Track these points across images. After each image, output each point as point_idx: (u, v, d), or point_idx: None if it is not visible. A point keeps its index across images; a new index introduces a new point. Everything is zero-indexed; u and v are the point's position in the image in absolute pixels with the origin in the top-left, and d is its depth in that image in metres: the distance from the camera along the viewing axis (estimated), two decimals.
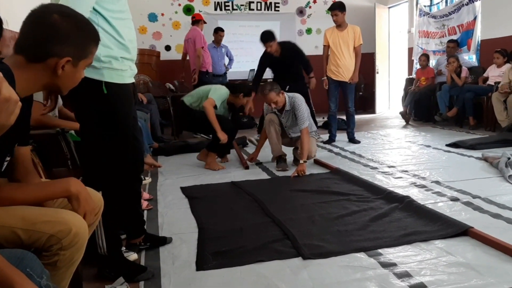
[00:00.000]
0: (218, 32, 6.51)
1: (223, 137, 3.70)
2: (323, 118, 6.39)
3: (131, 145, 1.81)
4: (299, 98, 3.65)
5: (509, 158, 3.38)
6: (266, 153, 4.13)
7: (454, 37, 6.71)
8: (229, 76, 7.58)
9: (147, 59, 6.23)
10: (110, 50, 1.62)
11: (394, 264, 1.82)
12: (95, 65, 1.61)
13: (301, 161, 3.50)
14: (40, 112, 2.12)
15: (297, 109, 3.59)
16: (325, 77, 4.92)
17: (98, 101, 1.65)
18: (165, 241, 2.12)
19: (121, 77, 1.69)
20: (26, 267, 0.91)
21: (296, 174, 3.39)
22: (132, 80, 1.80)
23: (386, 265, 1.82)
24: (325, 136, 5.12)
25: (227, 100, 4.03)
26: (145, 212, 2.58)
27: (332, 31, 4.86)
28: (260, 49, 5.27)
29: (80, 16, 1.15)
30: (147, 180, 3.45)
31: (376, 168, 3.64)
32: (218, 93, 3.89)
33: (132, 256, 1.94)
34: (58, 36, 1.06)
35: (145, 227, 2.11)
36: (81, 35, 1.12)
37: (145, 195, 2.94)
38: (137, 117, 1.96)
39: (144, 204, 2.68)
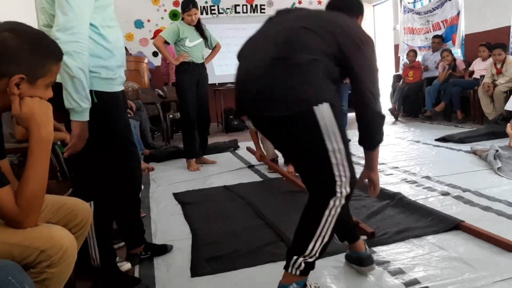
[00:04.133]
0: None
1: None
2: None
3: (126, 151, 1.80)
4: None
5: (497, 151, 3.42)
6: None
7: (439, 33, 6.79)
8: (218, 80, 7.59)
9: (134, 65, 6.18)
10: (100, 60, 1.61)
11: (387, 262, 1.84)
12: None
13: None
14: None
15: None
16: None
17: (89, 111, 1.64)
18: (165, 249, 2.09)
19: (111, 85, 1.68)
20: (8, 275, 0.89)
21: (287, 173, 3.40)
22: (122, 88, 1.79)
23: (379, 263, 1.83)
24: None
25: (184, 22, 3.96)
26: None
27: None
28: None
29: (37, 33, 1.11)
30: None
31: None
32: (165, 30, 3.98)
33: (126, 265, 1.92)
34: (6, 54, 1.02)
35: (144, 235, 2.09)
36: (35, 52, 1.07)
37: None
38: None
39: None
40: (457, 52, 6.69)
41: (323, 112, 1.34)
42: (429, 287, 1.60)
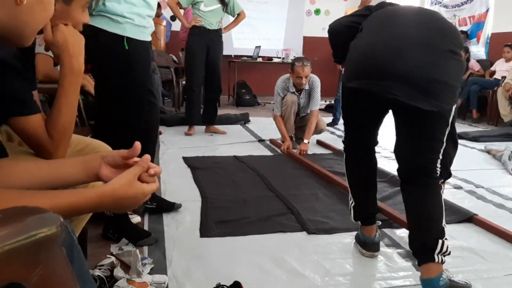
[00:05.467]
0: None
1: None
2: (325, 101, 6.35)
3: (147, 101, 1.77)
4: (317, 80, 3.61)
5: None
6: (268, 131, 4.12)
7: (464, 28, 6.64)
8: (235, 52, 7.49)
9: None
10: (133, 6, 1.59)
11: (398, 245, 1.83)
12: (119, 20, 1.58)
13: (305, 141, 3.47)
14: (48, 65, 2.07)
15: (315, 90, 3.57)
16: None
17: (120, 57, 1.61)
18: (173, 206, 2.09)
19: (143, 33, 1.66)
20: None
21: (299, 153, 3.37)
22: (150, 38, 1.75)
23: (390, 245, 1.82)
24: (329, 119, 5.08)
25: None
26: None
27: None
28: (266, 26, 5.14)
29: None
30: None
31: (378, 152, 3.58)
32: None
33: (136, 218, 1.92)
34: None
35: None
36: None
37: None
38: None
39: None
40: (481, 51, 6.56)
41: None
42: None
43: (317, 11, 8.30)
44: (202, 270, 1.55)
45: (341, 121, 5.03)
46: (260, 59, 6.92)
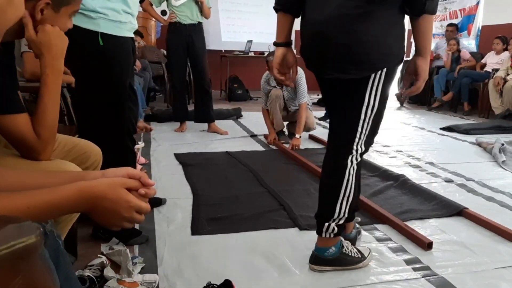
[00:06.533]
0: None
1: None
2: (318, 95, 6.35)
3: (127, 100, 1.74)
4: (301, 71, 3.58)
5: (503, 144, 3.41)
6: (260, 126, 4.11)
7: (455, 21, 6.66)
8: (226, 47, 7.45)
9: (142, 22, 6.03)
10: (107, 1, 1.54)
11: (389, 239, 1.83)
12: (92, 16, 1.54)
13: (297, 136, 3.47)
14: (36, 64, 2.04)
15: (299, 82, 3.53)
16: None
17: (94, 54, 1.57)
18: (160, 202, 2.09)
19: (119, 29, 1.61)
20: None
21: (291, 148, 3.37)
22: (131, 35, 1.72)
23: (381, 239, 1.83)
24: (321, 113, 5.09)
25: None
26: None
27: None
28: (258, 20, 5.12)
29: None
30: (140, 144, 3.40)
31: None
32: None
33: None
34: None
35: None
36: None
37: (141, 159, 2.90)
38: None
39: (138, 168, 2.64)
40: (471, 44, 6.59)
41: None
42: (430, 267, 1.60)
43: None
44: (193, 269, 1.55)
45: None
46: (252, 53, 6.89)
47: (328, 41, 1.34)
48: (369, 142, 1.49)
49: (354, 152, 1.45)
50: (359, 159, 1.48)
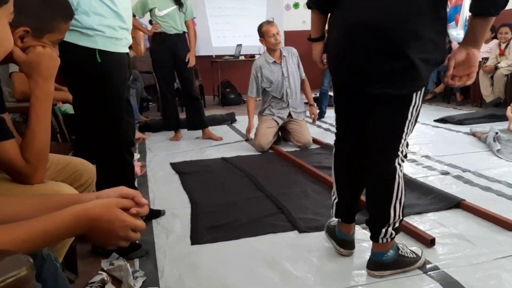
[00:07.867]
0: None
1: None
2: (314, 94, 6.35)
3: (125, 114, 1.75)
4: (293, 48, 3.72)
5: (497, 133, 3.42)
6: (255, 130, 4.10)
7: None
8: (216, 52, 7.46)
9: (132, 32, 6.03)
10: (103, 18, 1.56)
11: None
12: (89, 33, 1.56)
13: (312, 103, 3.92)
14: (25, 84, 2.04)
15: (297, 58, 3.67)
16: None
17: (93, 71, 1.59)
18: (159, 213, 2.09)
19: (116, 45, 1.63)
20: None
21: (313, 120, 3.91)
22: (127, 50, 1.73)
23: None
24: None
25: None
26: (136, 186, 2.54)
27: None
28: (247, 23, 5.12)
29: None
30: (136, 156, 3.39)
31: None
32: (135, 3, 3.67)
33: None
34: (17, 5, 0.99)
35: None
36: (44, 6, 1.05)
37: (137, 164, 2.93)
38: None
39: (138, 168, 2.68)
40: (460, 34, 6.61)
41: None
42: (431, 262, 1.61)
43: (296, 5, 8.29)
44: (194, 279, 1.55)
45: (327, 114, 5.04)
46: (242, 57, 6.89)
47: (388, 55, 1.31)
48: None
49: (400, 154, 1.46)
50: (404, 160, 1.49)
